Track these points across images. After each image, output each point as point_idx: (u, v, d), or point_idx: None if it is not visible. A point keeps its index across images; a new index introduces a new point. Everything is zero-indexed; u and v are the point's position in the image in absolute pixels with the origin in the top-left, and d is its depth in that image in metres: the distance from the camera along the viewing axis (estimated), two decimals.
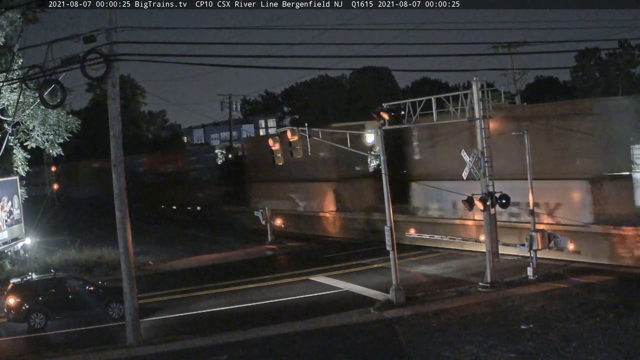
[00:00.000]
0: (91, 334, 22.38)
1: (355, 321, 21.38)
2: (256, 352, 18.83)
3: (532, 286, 23.86)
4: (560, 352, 16.37)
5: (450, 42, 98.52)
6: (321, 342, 19.39)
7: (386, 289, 23.52)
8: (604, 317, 19.01)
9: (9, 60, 31.82)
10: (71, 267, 32.53)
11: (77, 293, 24.22)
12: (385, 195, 23.38)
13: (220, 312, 24.46)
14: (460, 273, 27.90)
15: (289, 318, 22.30)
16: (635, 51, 65.66)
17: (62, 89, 20.89)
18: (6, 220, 35.19)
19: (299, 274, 30.26)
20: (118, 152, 20.08)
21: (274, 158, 28.00)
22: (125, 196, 20.25)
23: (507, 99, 44.92)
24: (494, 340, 17.71)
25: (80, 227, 49.78)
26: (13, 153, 35.55)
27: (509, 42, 44.65)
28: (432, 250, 33.30)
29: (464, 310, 21.33)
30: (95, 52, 18.98)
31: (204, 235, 46.56)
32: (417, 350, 17.66)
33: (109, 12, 19.31)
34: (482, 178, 24.12)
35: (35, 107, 32.86)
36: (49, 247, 38.12)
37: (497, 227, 24.66)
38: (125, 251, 20.16)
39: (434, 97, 25.33)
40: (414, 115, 25.40)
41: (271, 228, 40.24)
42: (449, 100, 25.23)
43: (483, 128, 24.14)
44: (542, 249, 25.10)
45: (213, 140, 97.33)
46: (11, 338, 22.70)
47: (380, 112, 23.99)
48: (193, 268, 34.39)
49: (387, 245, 23.16)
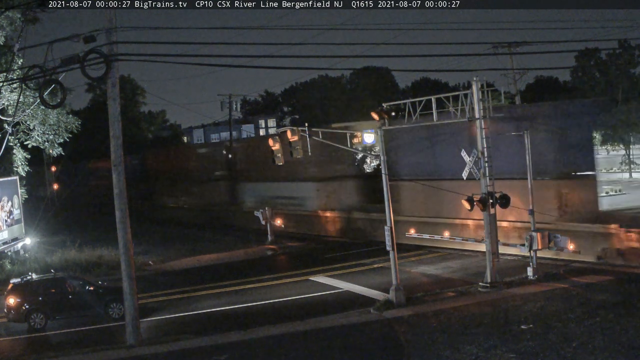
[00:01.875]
0: (91, 334, 22.38)
1: (355, 321, 21.38)
2: (256, 352, 18.83)
3: (532, 286, 23.86)
4: (560, 352, 16.37)
5: (450, 42, 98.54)
6: (321, 342, 19.39)
7: (386, 289, 23.52)
8: (604, 317, 19.01)
9: (9, 60, 31.85)
10: (71, 267, 32.54)
11: (77, 293, 24.21)
12: (385, 195, 23.35)
13: (220, 312, 24.45)
14: (460, 273, 27.91)
15: (289, 318, 22.30)
16: (635, 51, 65.54)
17: (62, 89, 20.92)
18: (6, 220, 35.19)
19: (299, 273, 30.27)
20: (118, 152, 20.08)
21: (274, 158, 27.96)
22: (126, 196, 20.25)
23: (507, 99, 44.95)
24: (494, 340, 17.71)
25: (80, 227, 49.82)
26: (13, 153, 35.57)
27: (509, 42, 44.71)
28: (432, 250, 33.33)
29: (464, 310, 21.33)
30: (95, 52, 18.97)
31: (204, 234, 46.66)
32: (417, 350, 17.66)
33: (109, 12, 19.30)
34: (482, 178, 24.13)
35: (35, 107, 32.88)
36: (49, 247, 38.14)
37: (497, 228, 24.72)
38: (125, 251, 20.15)
39: (434, 97, 25.33)
40: (414, 115, 25.41)
41: (271, 228, 40.24)
42: (449, 100, 25.23)
43: (483, 128, 24.15)
44: (542, 248, 25.11)
45: (213, 140, 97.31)
46: (11, 338, 22.69)
47: (380, 112, 23.99)
48: (193, 268, 34.40)
49: (387, 245, 23.17)
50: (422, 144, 35.18)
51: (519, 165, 27.73)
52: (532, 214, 25.84)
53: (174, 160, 65.39)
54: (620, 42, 63.35)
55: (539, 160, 28.58)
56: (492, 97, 26.24)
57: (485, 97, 24.29)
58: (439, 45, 51.63)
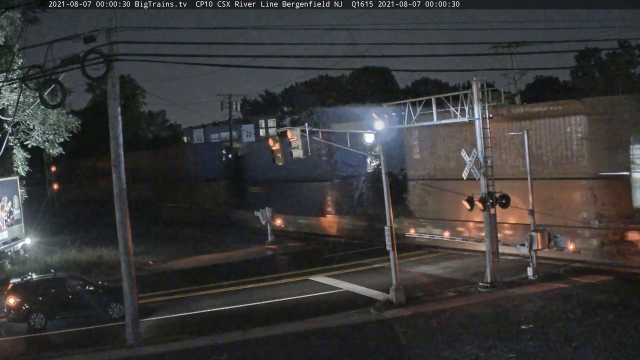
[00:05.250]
0: (91, 334, 22.37)
1: (355, 321, 21.37)
2: (256, 352, 18.83)
3: (532, 286, 23.86)
4: (560, 352, 16.37)
5: (450, 42, 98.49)
6: (321, 342, 19.38)
7: (386, 289, 23.52)
8: (604, 317, 19.01)
9: (9, 60, 31.83)
10: (71, 267, 32.51)
11: (77, 293, 24.22)
12: (385, 195, 23.35)
13: (220, 312, 24.45)
14: (460, 273, 27.91)
15: (289, 318, 22.29)
16: (635, 51, 65.63)
17: (62, 89, 20.87)
18: (6, 220, 35.18)
19: (299, 273, 30.26)
20: (118, 152, 20.08)
21: (274, 158, 27.94)
22: (126, 196, 20.25)
23: (507, 99, 44.93)
24: (494, 340, 17.71)
25: (80, 227, 49.81)
26: (13, 153, 35.56)
27: (509, 42, 44.65)
28: (432, 250, 33.33)
29: (464, 310, 21.33)
30: (95, 52, 18.96)
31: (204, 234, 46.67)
32: (417, 350, 17.67)
33: (109, 12, 19.30)
34: (482, 178, 24.13)
35: (35, 107, 32.87)
36: (49, 247, 38.12)
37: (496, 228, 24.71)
38: (125, 251, 20.15)
39: (434, 97, 25.33)
40: (414, 115, 25.41)
41: (271, 228, 40.23)
42: (449, 100, 25.23)
43: (483, 128, 24.15)
44: (542, 248, 25.11)
45: (213, 140, 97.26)
46: (11, 338, 22.69)
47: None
48: (193, 268, 34.39)
49: (387, 245, 23.17)
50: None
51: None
52: (532, 214, 25.83)
53: (174, 160, 65.41)
54: (620, 42, 63.41)
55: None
56: (492, 97, 26.18)
57: (485, 97, 24.29)
58: (439, 45, 51.77)
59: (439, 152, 34.63)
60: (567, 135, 28.79)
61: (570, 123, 28.54)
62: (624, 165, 26.94)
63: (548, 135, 29.46)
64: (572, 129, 28.52)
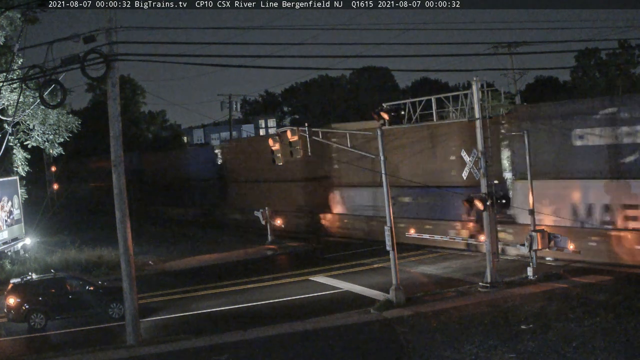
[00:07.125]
0: (91, 334, 22.38)
1: (355, 321, 21.37)
2: (256, 352, 18.82)
3: (532, 286, 23.86)
4: (560, 352, 16.36)
5: (450, 42, 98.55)
6: (321, 342, 19.38)
7: (386, 289, 23.52)
8: (604, 317, 19.00)
9: (9, 60, 31.84)
10: (71, 267, 32.52)
11: (77, 293, 24.22)
12: (385, 195, 23.34)
13: (220, 312, 24.45)
14: (460, 273, 27.90)
15: (289, 318, 22.29)
16: (635, 51, 65.71)
17: (62, 89, 20.86)
18: (6, 220, 35.20)
19: (299, 273, 30.26)
20: (118, 152, 20.08)
21: (274, 158, 27.92)
22: (126, 196, 20.25)
23: (507, 99, 44.98)
24: (494, 340, 17.70)
25: (80, 227, 49.80)
26: (13, 153, 35.57)
27: (509, 42, 44.70)
28: (432, 250, 33.34)
29: (464, 310, 21.33)
30: (95, 52, 18.96)
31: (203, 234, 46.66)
32: (417, 350, 17.66)
33: (109, 12, 19.28)
34: (482, 178, 24.12)
35: (35, 107, 32.89)
36: (49, 247, 38.13)
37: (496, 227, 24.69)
38: (125, 251, 20.15)
39: (434, 97, 25.34)
40: (414, 115, 25.40)
41: (271, 228, 40.20)
42: (449, 100, 25.22)
43: (483, 128, 24.14)
44: (542, 248, 25.10)
45: (213, 140, 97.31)
46: (11, 338, 22.70)
47: (380, 112, 23.97)
48: (193, 268, 34.39)
49: (387, 245, 23.16)
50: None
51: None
52: (532, 213, 25.82)
53: (174, 160, 65.45)
54: (620, 42, 63.48)
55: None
56: (492, 97, 26.20)
57: (485, 97, 24.29)
58: (439, 45, 51.79)
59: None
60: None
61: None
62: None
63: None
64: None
